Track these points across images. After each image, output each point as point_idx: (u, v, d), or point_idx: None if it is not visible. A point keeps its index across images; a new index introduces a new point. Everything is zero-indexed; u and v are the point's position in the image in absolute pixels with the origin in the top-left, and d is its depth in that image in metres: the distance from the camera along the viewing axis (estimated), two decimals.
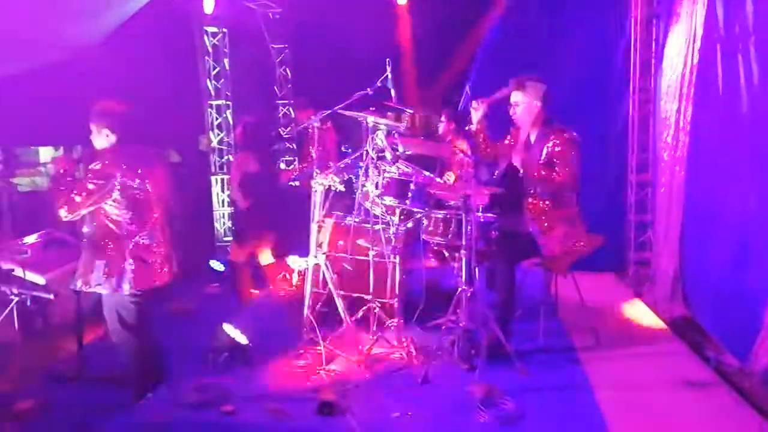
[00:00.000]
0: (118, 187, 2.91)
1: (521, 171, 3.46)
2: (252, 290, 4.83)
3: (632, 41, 5.25)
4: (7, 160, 7.27)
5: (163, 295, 3.38)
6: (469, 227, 3.21)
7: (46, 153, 9.63)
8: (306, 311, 3.69)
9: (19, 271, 3.05)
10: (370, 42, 7.37)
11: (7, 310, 2.98)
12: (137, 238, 3.00)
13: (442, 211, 3.60)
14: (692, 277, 4.30)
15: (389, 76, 3.92)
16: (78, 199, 2.84)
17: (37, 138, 8.80)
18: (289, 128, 8.19)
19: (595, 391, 3.06)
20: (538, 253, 3.44)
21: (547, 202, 3.37)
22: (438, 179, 3.87)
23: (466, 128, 4.80)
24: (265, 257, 5.00)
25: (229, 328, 3.45)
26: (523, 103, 3.43)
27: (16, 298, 2.95)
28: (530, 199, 3.44)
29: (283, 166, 8.19)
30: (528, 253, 3.47)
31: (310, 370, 3.31)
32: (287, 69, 8.07)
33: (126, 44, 6.46)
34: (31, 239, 3.53)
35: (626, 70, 5.36)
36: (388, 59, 3.94)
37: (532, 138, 3.48)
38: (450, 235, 3.56)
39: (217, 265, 5.42)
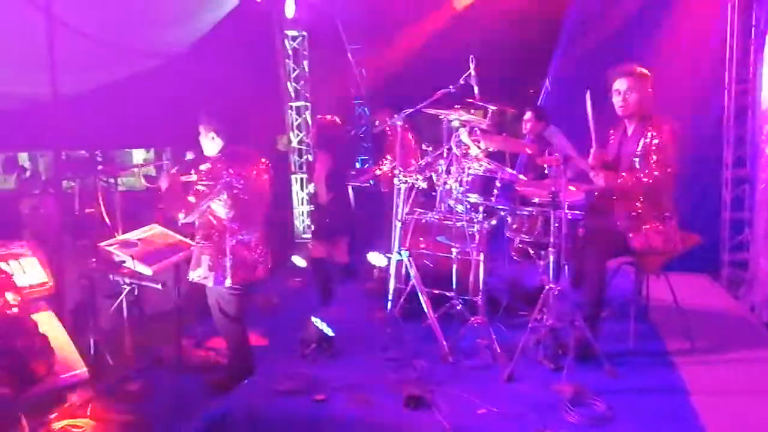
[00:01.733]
0: (225, 187, 3.10)
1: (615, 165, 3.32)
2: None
3: (729, 28, 4.95)
4: (107, 161, 7.87)
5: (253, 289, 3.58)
6: (557, 224, 3.16)
7: (138, 155, 10.35)
8: (389, 306, 3.76)
9: (129, 263, 3.31)
10: (443, 39, 7.39)
11: (120, 298, 3.24)
12: (238, 235, 3.18)
13: (528, 208, 3.56)
14: None
15: (473, 74, 3.93)
16: (192, 199, 3.07)
17: (130, 140, 9.47)
18: (364, 128, 8.35)
19: (691, 395, 2.93)
20: (629, 251, 3.34)
21: (640, 198, 3.25)
22: (522, 177, 3.82)
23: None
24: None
25: (316, 321, 3.58)
26: (636, 91, 3.23)
27: (128, 288, 3.20)
28: (620, 195, 3.32)
29: (358, 165, 8.35)
30: (617, 251, 3.36)
31: (396, 364, 3.37)
32: (363, 69, 8.22)
33: (213, 50, 6.83)
34: (135, 234, 3.80)
35: (721, 58, 5.06)
36: (471, 56, 3.95)
37: (629, 131, 3.35)
38: (536, 233, 3.51)
39: (299, 260, 5.61)
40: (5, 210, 6.25)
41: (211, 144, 3.25)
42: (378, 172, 5.74)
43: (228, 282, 3.18)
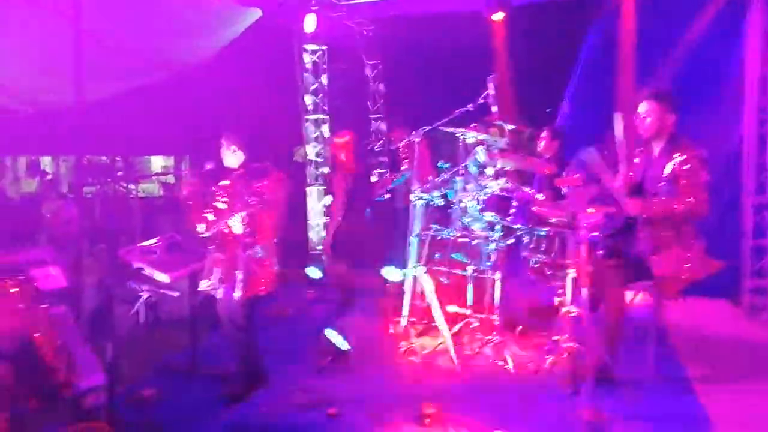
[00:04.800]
0: (243, 206, 3.12)
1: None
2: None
3: (750, 56, 4.93)
4: (127, 168, 7.99)
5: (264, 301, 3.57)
6: (575, 246, 3.14)
7: (157, 162, 10.47)
8: (404, 321, 3.75)
9: (148, 270, 3.33)
10: (463, 57, 7.44)
11: (137, 305, 3.25)
12: (250, 249, 3.19)
13: (545, 228, 3.55)
14: None
15: (491, 92, 3.95)
16: (211, 217, 3.09)
17: (150, 147, 9.62)
18: (381, 142, 8.38)
19: (714, 425, 2.87)
20: (649, 275, 3.30)
21: (663, 223, 3.21)
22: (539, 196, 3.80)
23: None
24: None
25: (331, 333, 3.57)
26: (652, 114, 3.25)
27: (146, 295, 3.21)
28: (644, 219, 3.29)
29: (374, 179, 8.37)
30: (638, 274, 3.32)
31: (410, 380, 3.35)
32: (381, 85, 8.27)
33: (233, 61, 6.93)
34: (152, 242, 3.83)
35: (741, 86, 5.04)
36: (490, 76, 3.97)
37: (656, 151, 3.33)
38: (554, 254, 3.49)
39: (313, 272, 5.60)
40: (27, 212, 6.36)
41: (232, 157, 3.29)
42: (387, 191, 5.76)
43: (237, 294, 3.19)
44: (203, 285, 3.29)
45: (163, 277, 3.43)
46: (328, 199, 6.70)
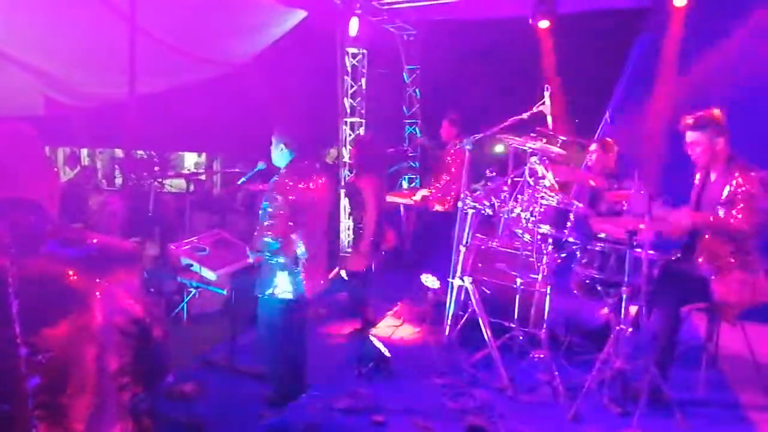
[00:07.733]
0: (289, 199, 3.06)
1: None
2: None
3: None
4: (162, 164, 8.07)
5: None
6: (634, 263, 3.07)
7: (190, 158, 10.57)
8: (447, 331, 3.70)
9: (196, 267, 3.33)
10: (504, 64, 7.38)
11: (185, 301, 3.25)
12: (297, 246, 3.12)
13: (600, 244, 3.47)
14: None
15: (547, 102, 3.90)
16: (273, 221, 2.99)
17: (185, 144, 9.72)
18: (413, 147, 8.36)
19: None
20: (707, 297, 3.21)
21: (725, 245, 3.13)
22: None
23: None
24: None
25: (374, 339, 3.54)
26: (702, 143, 3.22)
27: (194, 291, 3.21)
28: (705, 240, 3.21)
29: (405, 185, 8.35)
30: (694, 296, 3.24)
31: (454, 391, 3.30)
32: (417, 89, 8.25)
33: (274, 62, 6.97)
34: (203, 239, 3.83)
35: None
36: (547, 86, 3.92)
37: (713, 176, 3.27)
38: (607, 270, 3.41)
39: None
40: (66, 200, 6.46)
41: (280, 155, 3.18)
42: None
43: (290, 294, 3.13)
44: (278, 291, 3.15)
45: (209, 274, 3.43)
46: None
